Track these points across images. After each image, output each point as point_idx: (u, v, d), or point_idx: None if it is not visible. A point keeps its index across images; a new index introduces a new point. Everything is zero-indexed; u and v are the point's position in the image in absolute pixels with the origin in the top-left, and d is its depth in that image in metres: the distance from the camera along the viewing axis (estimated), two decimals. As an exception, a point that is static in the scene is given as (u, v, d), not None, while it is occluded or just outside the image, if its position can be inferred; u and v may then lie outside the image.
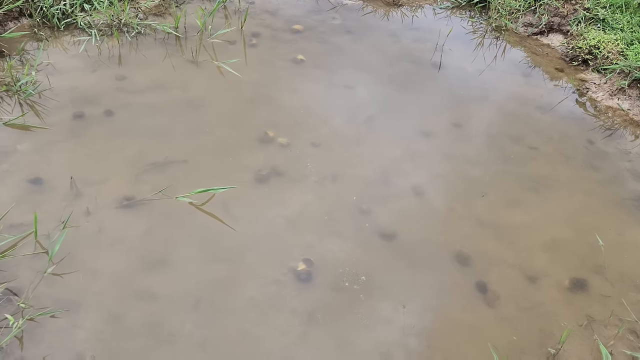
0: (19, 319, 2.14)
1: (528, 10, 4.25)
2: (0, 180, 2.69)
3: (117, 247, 2.49)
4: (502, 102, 3.57)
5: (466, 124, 3.37)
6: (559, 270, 2.60)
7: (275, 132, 3.14)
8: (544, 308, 2.44)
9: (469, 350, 2.27)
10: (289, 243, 2.60)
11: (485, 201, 2.89)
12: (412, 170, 3.02)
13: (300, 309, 2.34)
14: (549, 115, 3.50)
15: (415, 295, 2.44)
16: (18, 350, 2.09)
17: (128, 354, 2.13)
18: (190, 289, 2.37)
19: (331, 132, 3.19)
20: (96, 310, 2.25)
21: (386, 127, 3.28)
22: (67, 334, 2.16)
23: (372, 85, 3.62)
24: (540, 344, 2.30)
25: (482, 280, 2.51)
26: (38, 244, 2.44)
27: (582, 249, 2.70)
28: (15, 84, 3.18)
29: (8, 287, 2.27)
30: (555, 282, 2.54)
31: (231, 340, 2.22)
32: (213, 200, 2.72)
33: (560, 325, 2.37)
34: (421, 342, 2.27)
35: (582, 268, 2.61)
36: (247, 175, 2.87)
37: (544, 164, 3.14)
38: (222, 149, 3.00)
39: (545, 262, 2.62)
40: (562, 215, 2.86)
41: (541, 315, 2.41)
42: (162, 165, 2.87)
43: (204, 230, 2.62)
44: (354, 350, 2.22)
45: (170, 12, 4.07)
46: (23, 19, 3.72)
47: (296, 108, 3.34)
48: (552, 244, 2.71)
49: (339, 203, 2.79)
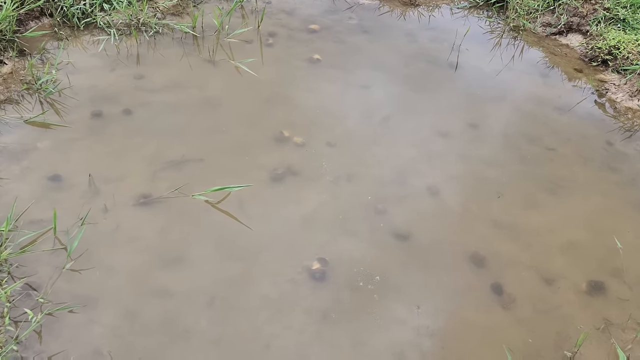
0: (37, 313, 2.18)
1: (547, 10, 4.20)
2: (20, 177, 2.74)
3: (134, 244, 2.52)
4: (520, 103, 3.54)
5: (483, 124, 3.34)
6: (576, 272, 2.57)
7: (291, 131, 3.14)
8: (560, 311, 2.41)
9: (484, 352, 2.25)
10: (304, 242, 2.61)
11: (501, 202, 2.86)
12: (428, 170, 3.01)
13: (315, 308, 2.34)
14: (567, 116, 3.46)
15: (429, 296, 2.43)
16: (37, 344, 2.12)
17: (144, 349, 2.16)
18: (205, 286, 2.39)
19: (347, 132, 3.19)
20: (113, 306, 2.28)
21: (402, 127, 3.28)
22: (84, 329, 2.19)
23: (388, 85, 3.61)
24: (556, 346, 2.28)
25: (497, 282, 2.49)
26: (57, 240, 2.48)
27: (600, 252, 2.67)
28: (36, 82, 3.23)
29: (27, 282, 2.31)
30: (572, 285, 2.51)
31: (245, 338, 2.23)
32: (229, 199, 2.74)
33: (577, 328, 2.35)
34: (435, 343, 2.26)
35: (599, 271, 2.58)
36: (262, 174, 2.88)
37: (562, 165, 3.10)
38: (238, 147, 3.02)
39: (562, 265, 2.60)
40: (580, 217, 2.83)
41: (557, 318, 2.39)
42: (179, 163, 2.90)
43: (219, 228, 2.64)
44: (367, 350, 2.22)
45: (187, 11, 4.10)
46: (44, 19, 3.77)
47: (312, 108, 3.35)
48: (570, 246, 2.68)
49: (354, 203, 2.79)
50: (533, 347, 2.28)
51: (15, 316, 2.19)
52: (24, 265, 2.37)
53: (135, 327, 2.22)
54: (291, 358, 2.19)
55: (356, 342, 2.24)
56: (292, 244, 2.59)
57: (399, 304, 2.38)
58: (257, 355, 2.18)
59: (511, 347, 2.26)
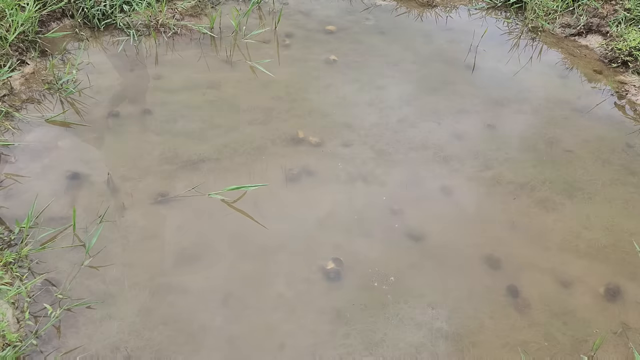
0: (56, 308, 2.22)
1: (566, 10, 4.16)
2: (41, 175, 2.79)
3: (151, 242, 2.55)
4: (537, 104, 3.51)
5: (500, 125, 3.32)
6: (593, 276, 2.54)
7: (307, 131, 3.16)
8: (577, 314, 2.39)
9: (499, 354, 2.24)
10: (319, 241, 2.62)
11: (517, 204, 2.84)
12: (443, 172, 3.00)
13: (329, 308, 2.35)
14: (585, 118, 3.42)
15: (444, 298, 2.42)
16: (55, 339, 2.16)
17: (159, 345, 2.18)
18: (220, 284, 2.41)
19: (362, 133, 3.20)
20: (130, 303, 2.31)
21: (418, 128, 3.27)
22: (101, 325, 2.23)
23: (404, 85, 3.61)
24: (573, 350, 2.26)
25: (513, 285, 2.47)
26: (76, 237, 2.52)
27: (619, 256, 2.63)
28: (57, 82, 3.29)
29: (47, 278, 2.35)
30: (590, 289, 2.48)
31: (259, 336, 2.24)
32: (244, 198, 2.76)
33: (594, 332, 2.32)
34: (450, 344, 2.25)
35: (618, 275, 2.55)
36: (278, 174, 2.90)
37: (580, 167, 3.07)
38: (254, 147, 3.04)
39: (580, 268, 2.57)
40: (598, 220, 2.80)
41: (574, 321, 2.36)
42: (196, 162, 2.93)
43: (235, 227, 2.66)
44: (382, 352, 2.22)
45: (205, 12, 4.13)
46: (65, 20, 3.84)
47: (328, 108, 3.36)
48: (587, 250, 2.65)
49: (370, 203, 2.80)
50: (549, 351, 2.25)
51: (34, 311, 2.23)
52: (44, 261, 2.42)
53: (151, 323, 2.25)
54: (305, 357, 2.20)
55: (370, 342, 2.25)
56: (308, 244, 2.60)
57: (413, 305, 2.37)
58: (271, 354, 2.19)
59: (527, 349, 2.24)
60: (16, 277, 2.31)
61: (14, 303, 2.22)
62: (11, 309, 2.19)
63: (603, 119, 3.43)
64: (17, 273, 2.32)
